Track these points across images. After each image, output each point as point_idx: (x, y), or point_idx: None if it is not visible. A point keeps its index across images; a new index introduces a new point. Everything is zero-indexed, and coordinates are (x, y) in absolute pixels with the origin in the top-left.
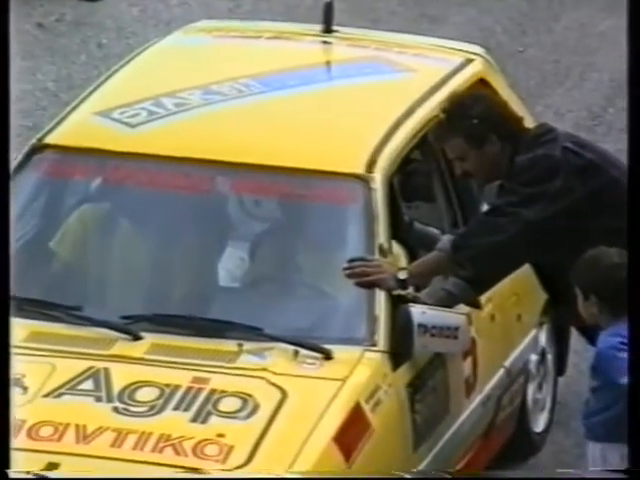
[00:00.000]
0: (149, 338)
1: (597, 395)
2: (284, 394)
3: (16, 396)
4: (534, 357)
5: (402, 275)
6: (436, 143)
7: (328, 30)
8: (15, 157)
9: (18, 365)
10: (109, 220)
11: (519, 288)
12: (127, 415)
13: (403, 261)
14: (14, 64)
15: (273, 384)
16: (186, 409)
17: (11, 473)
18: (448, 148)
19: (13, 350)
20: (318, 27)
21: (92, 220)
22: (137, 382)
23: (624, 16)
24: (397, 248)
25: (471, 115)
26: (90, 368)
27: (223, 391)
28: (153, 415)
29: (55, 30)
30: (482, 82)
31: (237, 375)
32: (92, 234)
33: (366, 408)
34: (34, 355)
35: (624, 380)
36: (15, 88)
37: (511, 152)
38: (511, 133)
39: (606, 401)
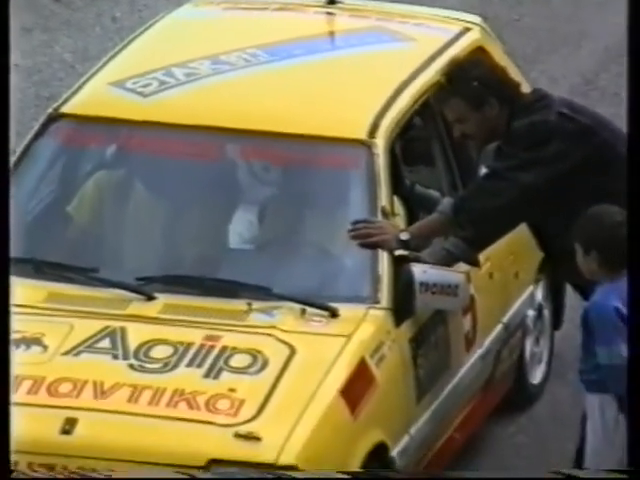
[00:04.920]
0: (162, 298)
1: (589, 351)
2: (292, 350)
3: (35, 354)
4: (531, 312)
5: (404, 236)
6: (437, 106)
7: (332, 2)
8: (33, 126)
9: (37, 325)
10: (123, 186)
11: (516, 247)
12: (142, 372)
13: (405, 223)
14: (33, 37)
15: (282, 341)
16: (199, 365)
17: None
18: (448, 110)
19: (32, 310)
20: None
21: (107, 186)
22: (152, 340)
23: None
24: (399, 210)
25: (471, 77)
26: (107, 327)
27: (234, 348)
28: (167, 371)
29: (71, 4)
30: (480, 50)
31: (247, 333)
32: (107, 199)
33: (371, 363)
34: (53, 315)
35: (616, 344)
36: (33, 60)
37: (508, 115)
38: (509, 97)
39: (600, 359)
